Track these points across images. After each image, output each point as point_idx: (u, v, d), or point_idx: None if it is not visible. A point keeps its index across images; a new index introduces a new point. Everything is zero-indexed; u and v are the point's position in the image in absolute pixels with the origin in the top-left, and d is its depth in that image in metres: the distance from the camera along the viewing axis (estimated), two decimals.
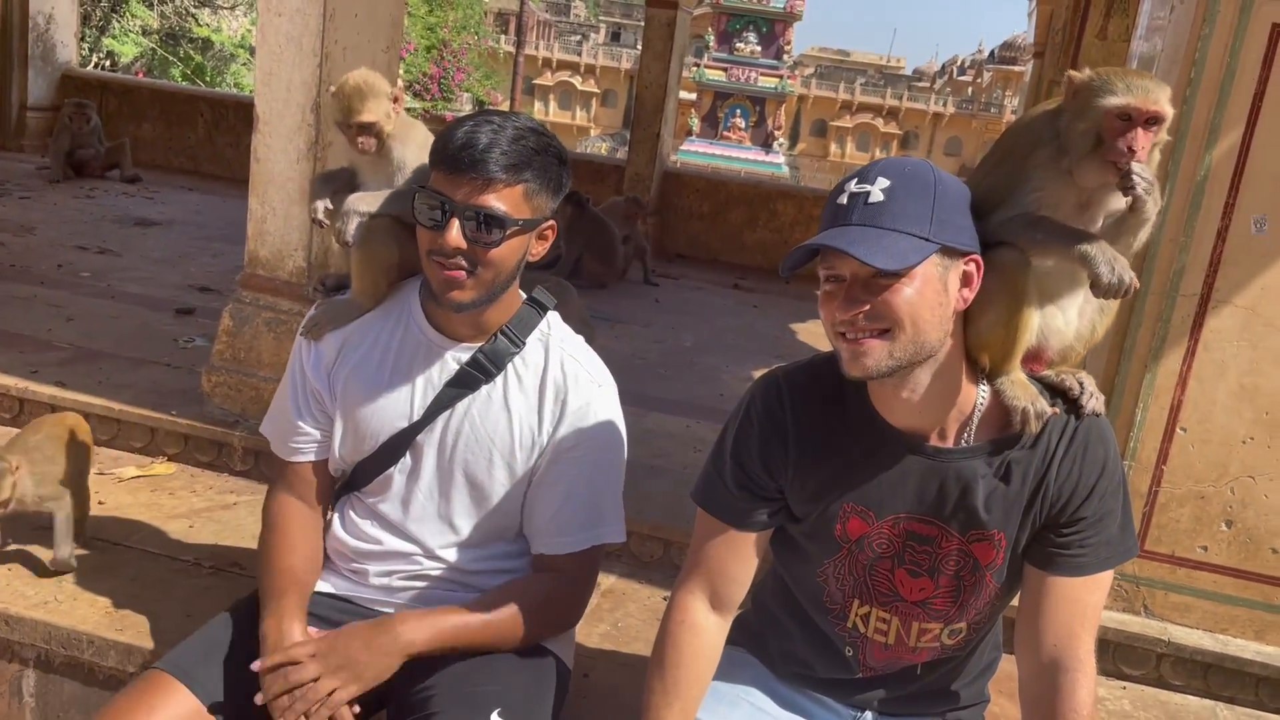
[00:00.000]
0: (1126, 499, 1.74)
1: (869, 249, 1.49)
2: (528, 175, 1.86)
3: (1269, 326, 2.85)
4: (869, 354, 1.55)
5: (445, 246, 1.84)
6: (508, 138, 1.84)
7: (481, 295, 1.92)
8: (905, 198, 1.53)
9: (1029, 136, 1.69)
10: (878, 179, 1.55)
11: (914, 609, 1.80)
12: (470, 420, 2.03)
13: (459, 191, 1.82)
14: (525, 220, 1.89)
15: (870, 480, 1.72)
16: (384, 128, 2.16)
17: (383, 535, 2.12)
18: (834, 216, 1.56)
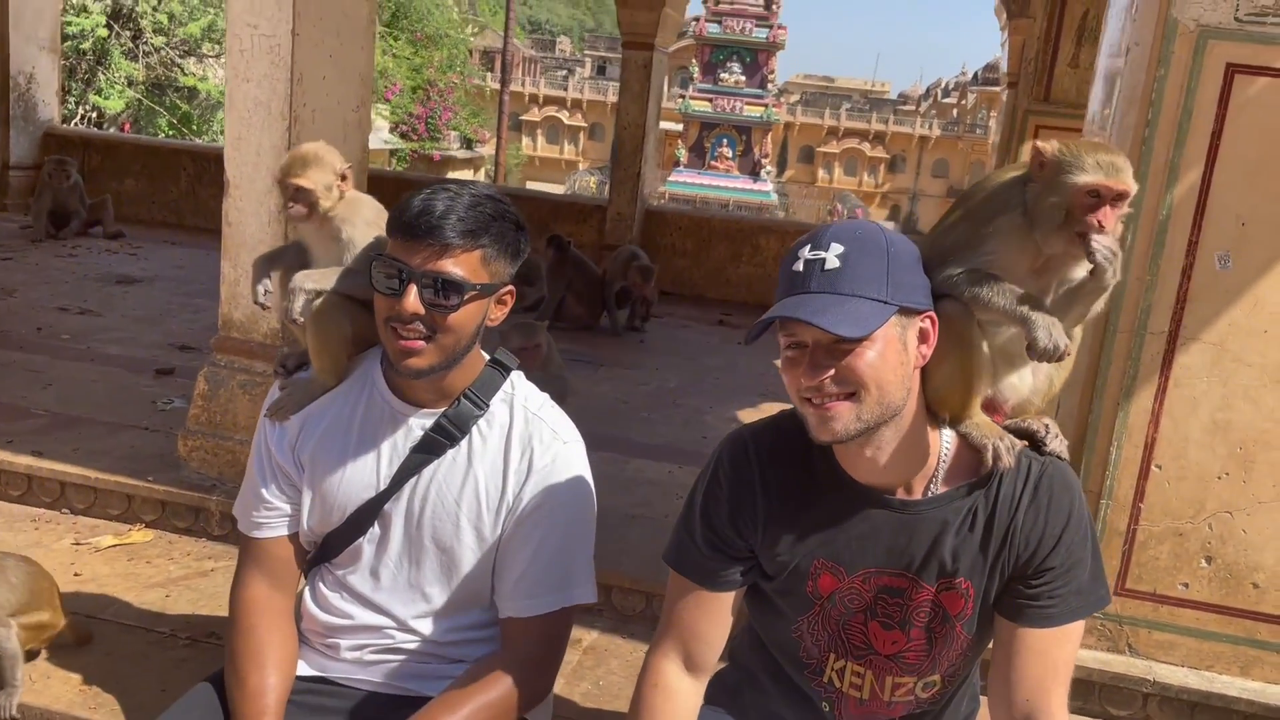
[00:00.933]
0: (1096, 547, 1.74)
1: (831, 317, 1.50)
2: (485, 241, 1.86)
3: (1238, 362, 2.86)
4: (837, 418, 1.56)
5: (403, 313, 1.84)
6: (464, 204, 1.85)
7: (440, 361, 1.91)
8: (860, 262, 1.55)
9: (994, 202, 1.71)
10: (831, 245, 1.56)
11: (887, 663, 1.79)
12: (436, 486, 2.02)
13: (416, 258, 1.83)
14: (483, 285, 1.89)
15: (839, 536, 1.72)
16: (319, 199, 2.16)
17: (353, 609, 2.10)
18: (791, 284, 1.57)
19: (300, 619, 2.16)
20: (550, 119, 54.54)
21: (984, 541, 1.69)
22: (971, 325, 1.66)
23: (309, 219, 2.20)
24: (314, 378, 2.12)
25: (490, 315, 1.98)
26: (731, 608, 1.84)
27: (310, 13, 3.43)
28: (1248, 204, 2.80)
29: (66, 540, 3.41)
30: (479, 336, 1.99)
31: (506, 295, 1.99)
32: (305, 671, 2.11)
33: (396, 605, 2.08)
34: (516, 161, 46.54)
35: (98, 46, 18.59)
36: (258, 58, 3.39)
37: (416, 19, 28.39)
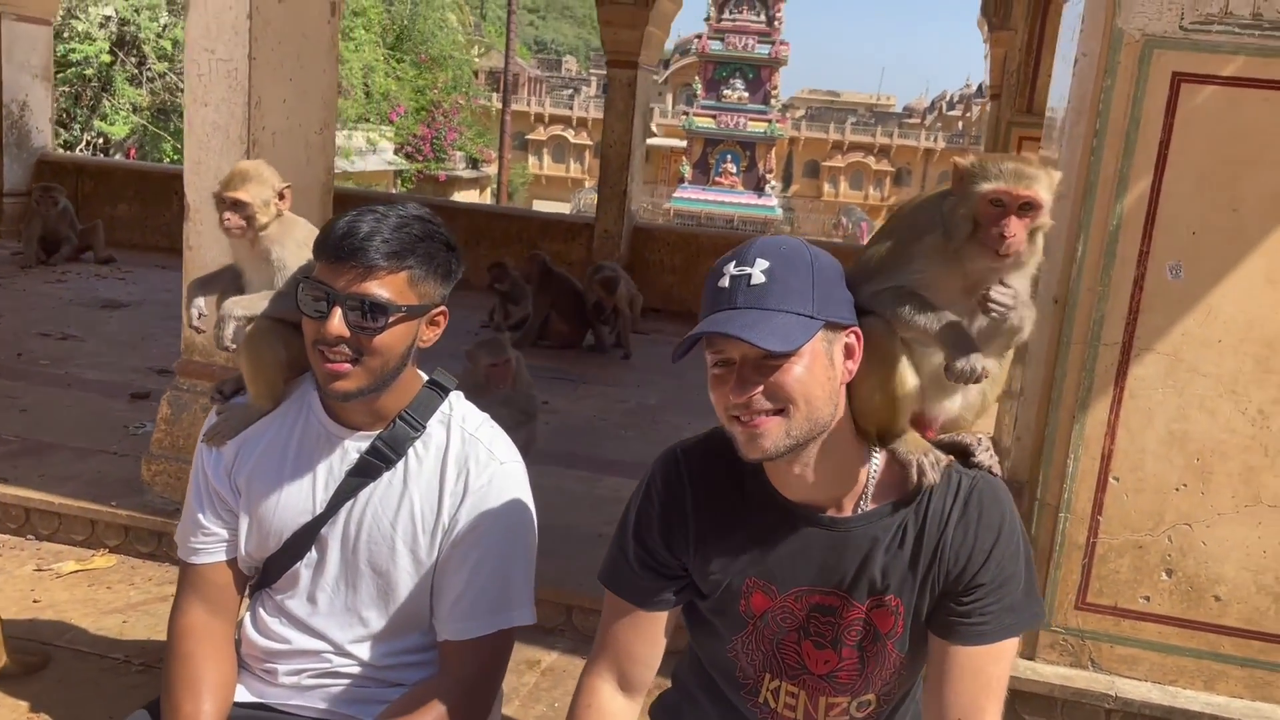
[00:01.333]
0: (1029, 563, 1.71)
1: (759, 332, 1.49)
2: (411, 262, 1.85)
3: (1193, 372, 2.83)
4: (766, 435, 1.54)
5: (328, 335, 1.82)
6: (390, 226, 1.84)
7: (368, 383, 1.90)
8: (786, 277, 1.54)
9: (917, 219, 1.70)
10: (756, 260, 1.54)
11: (820, 682, 1.76)
12: (372, 509, 2.00)
13: (341, 280, 1.82)
14: (410, 307, 1.87)
15: (771, 555, 1.70)
16: (257, 214, 2.16)
17: (290, 633, 2.08)
18: (717, 300, 1.55)
19: (240, 644, 2.15)
20: (556, 138, 54.74)
21: (914, 558, 1.67)
22: (895, 342, 1.65)
23: (245, 234, 2.20)
24: (250, 403, 2.11)
25: (422, 336, 1.96)
26: (666, 627, 1.82)
27: (268, 37, 3.45)
28: (1198, 213, 2.78)
29: (29, 566, 3.41)
30: (410, 358, 1.97)
31: (439, 316, 1.97)
32: (244, 698, 2.10)
33: (334, 630, 2.06)
34: (523, 181, 46.67)
35: (102, 73, 18.77)
36: (215, 82, 3.41)
37: (420, 41, 28.56)
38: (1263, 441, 2.83)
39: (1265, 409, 2.81)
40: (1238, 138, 2.74)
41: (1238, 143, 2.74)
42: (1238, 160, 2.74)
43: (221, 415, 2.13)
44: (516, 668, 3.08)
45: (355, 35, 24.33)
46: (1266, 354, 2.79)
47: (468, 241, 9.08)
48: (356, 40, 24.36)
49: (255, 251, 2.22)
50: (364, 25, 24.87)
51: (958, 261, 1.63)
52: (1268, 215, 2.75)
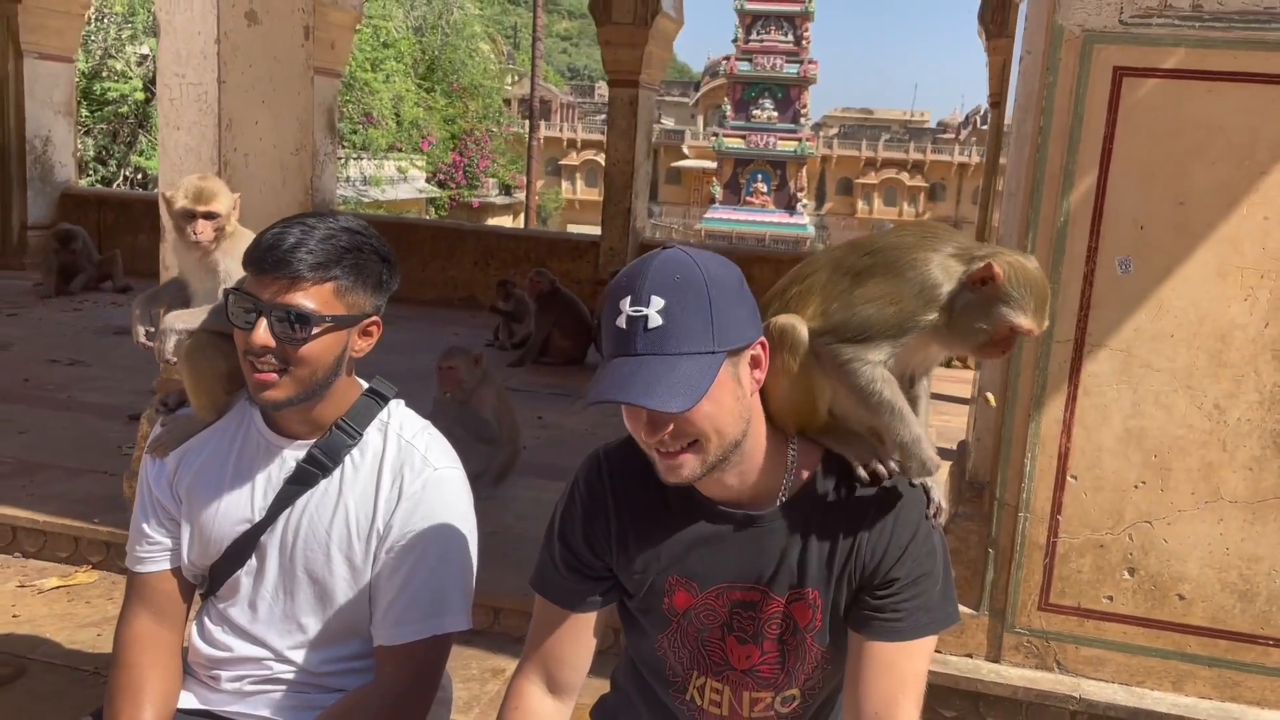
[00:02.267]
0: (947, 565, 1.70)
1: (660, 393, 1.46)
2: (336, 272, 1.88)
3: (1146, 368, 2.81)
4: (683, 466, 1.55)
5: (254, 345, 1.86)
6: (317, 237, 1.87)
7: (297, 393, 1.93)
8: (683, 315, 1.50)
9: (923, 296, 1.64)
10: (651, 299, 1.50)
11: (743, 678, 1.77)
12: (309, 516, 2.03)
13: (266, 291, 1.85)
14: (336, 317, 1.90)
15: (692, 553, 1.71)
16: (225, 225, 2.23)
17: (232, 641, 2.11)
18: (616, 343, 1.52)
19: (188, 652, 2.19)
20: (589, 162, 55.05)
21: (830, 551, 1.67)
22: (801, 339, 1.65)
23: (213, 245, 2.26)
24: (193, 414, 2.16)
25: (354, 347, 1.99)
26: (594, 629, 1.83)
27: (238, 61, 3.53)
28: (1144, 207, 2.76)
29: (12, 583, 3.49)
30: (342, 368, 2.00)
31: (371, 326, 2.00)
32: (189, 704, 2.12)
33: (273, 637, 2.08)
34: (556, 206, 46.93)
35: (137, 110, 19.22)
36: (186, 106, 3.49)
37: (451, 71, 28.91)
38: (1220, 436, 2.79)
39: (1221, 403, 2.78)
40: (1182, 130, 2.72)
41: (1182, 135, 2.72)
42: (1183, 153, 2.73)
43: (165, 427, 2.17)
44: (481, 675, 3.09)
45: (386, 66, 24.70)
46: (1219, 347, 2.76)
47: (477, 262, 9.19)
48: (387, 71, 24.73)
49: (204, 264, 2.28)
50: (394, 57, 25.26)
51: (936, 340, 1.65)
52: (1215, 207, 2.72)
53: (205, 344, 2.14)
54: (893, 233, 1.74)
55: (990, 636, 3.01)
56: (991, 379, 2.99)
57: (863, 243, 1.72)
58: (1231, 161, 2.70)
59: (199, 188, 2.27)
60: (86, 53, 17.66)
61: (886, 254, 1.67)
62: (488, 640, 3.23)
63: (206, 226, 2.24)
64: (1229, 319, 2.75)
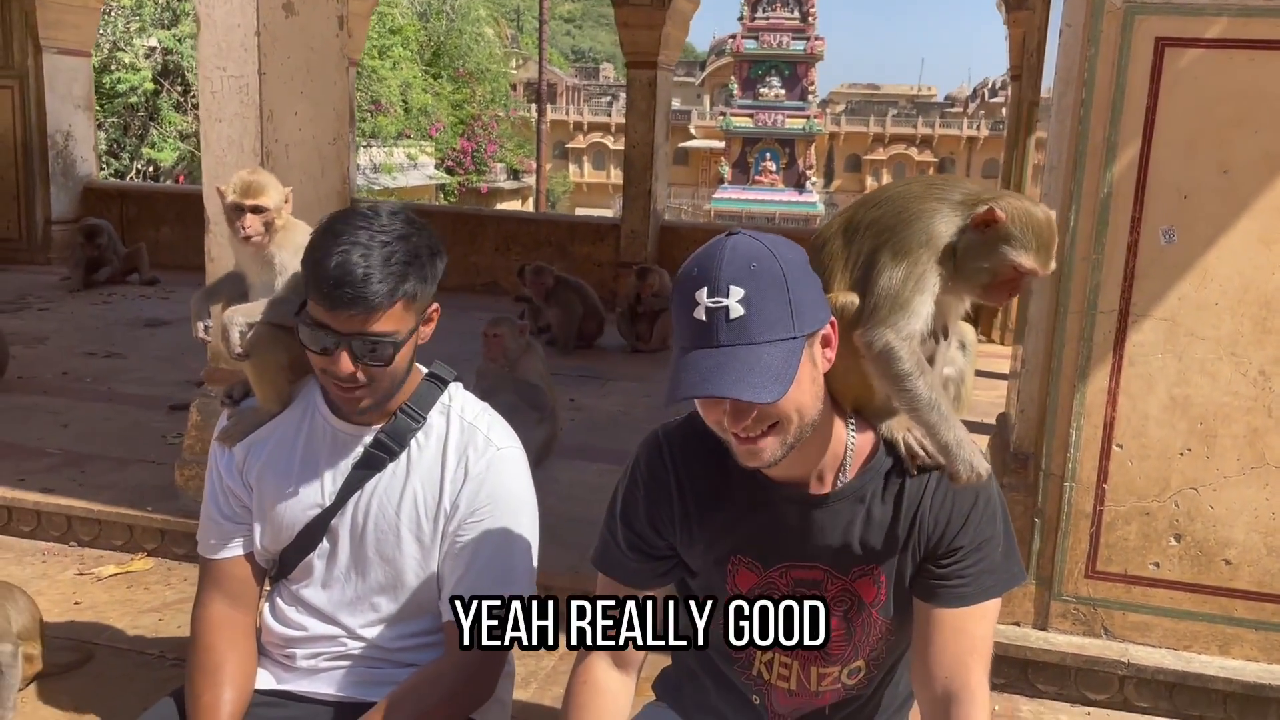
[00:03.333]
0: (1007, 525, 1.74)
1: (751, 384, 1.47)
2: (406, 288, 1.90)
3: (1191, 336, 2.83)
4: (764, 450, 1.56)
5: (339, 374, 1.89)
6: (378, 260, 1.85)
7: (381, 398, 1.97)
8: (764, 304, 1.50)
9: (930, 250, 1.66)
10: (731, 289, 1.49)
11: (811, 653, 1.80)
12: (378, 499, 2.08)
13: (342, 323, 1.86)
14: (411, 329, 1.94)
15: (755, 532, 1.74)
16: (275, 219, 2.26)
17: (307, 621, 2.17)
18: (696, 335, 1.50)
19: (261, 633, 2.25)
20: (596, 145, 54.89)
21: (892, 527, 1.70)
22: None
23: (264, 239, 2.30)
24: (258, 406, 2.21)
25: (421, 337, 2.03)
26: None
27: (277, 53, 3.57)
28: (1188, 177, 2.78)
29: (70, 571, 3.56)
30: (413, 362, 2.05)
31: (433, 314, 2.04)
32: (266, 685, 2.18)
33: (346, 616, 2.14)
34: (564, 189, 46.83)
35: (148, 102, 19.24)
36: (228, 98, 3.53)
37: (457, 56, 28.80)
38: (1265, 403, 2.82)
39: (1266, 370, 2.81)
40: (1225, 100, 2.74)
41: (1225, 105, 2.74)
42: (1226, 122, 2.74)
43: (231, 418, 2.22)
44: (535, 651, 3.15)
45: (393, 53, 24.64)
46: (1264, 314, 2.78)
47: (498, 248, 9.22)
48: (394, 58, 24.67)
49: (260, 257, 2.32)
50: (401, 43, 25.21)
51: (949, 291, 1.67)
52: (1259, 176, 2.74)
53: (267, 337, 2.18)
54: (901, 182, 1.76)
55: (1037, 605, 3.06)
56: (1036, 350, 3.02)
57: (872, 196, 1.73)
58: (1275, 129, 2.72)
59: (247, 182, 2.30)
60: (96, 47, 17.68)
61: (894, 203, 1.68)
62: None
63: (255, 220, 2.27)
64: (1274, 286, 2.77)
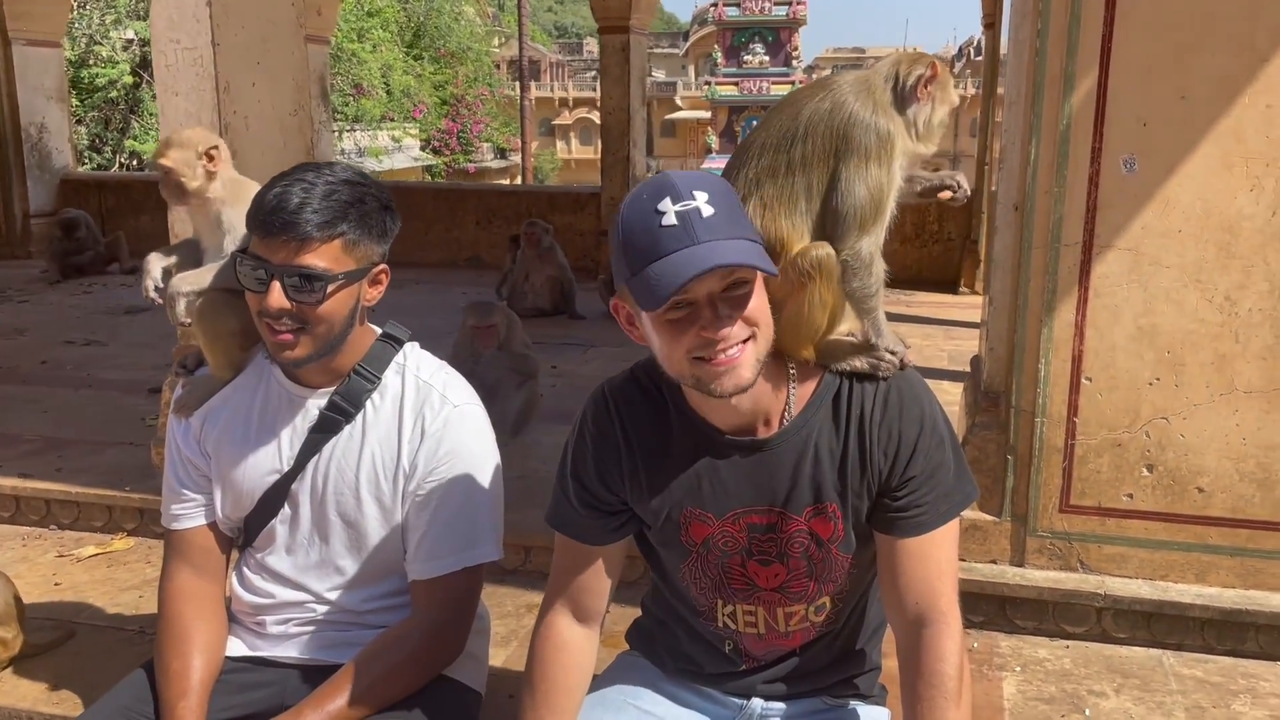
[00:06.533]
0: (956, 447, 1.73)
1: (754, 258, 1.50)
2: (343, 228, 1.90)
3: (1156, 265, 2.82)
4: (743, 365, 1.55)
5: (270, 308, 1.89)
6: (319, 194, 1.88)
7: (317, 349, 1.96)
8: (728, 205, 1.54)
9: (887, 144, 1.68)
10: (694, 193, 1.52)
11: (774, 595, 1.80)
12: (335, 462, 2.08)
13: (277, 254, 1.87)
14: (348, 272, 1.92)
15: (704, 483, 1.74)
16: (184, 178, 2.22)
17: (273, 588, 2.17)
18: (671, 239, 1.50)
19: (231, 602, 2.25)
20: (582, 120, 54.60)
21: (842, 463, 1.69)
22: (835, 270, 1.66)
23: (184, 200, 2.26)
24: (211, 373, 2.19)
25: (365, 296, 2.02)
26: (615, 558, 1.87)
27: (230, 23, 3.52)
28: (1146, 104, 2.76)
29: (51, 554, 3.55)
30: (357, 318, 2.03)
31: (381, 275, 2.03)
32: (238, 651, 2.19)
33: (312, 580, 2.15)
34: (552, 166, 46.68)
35: (128, 95, 19.13)
36: (182, 71, 3.49)
37: (438, 37, 28.64)
38: (1232, 328, 2.81)
39: (1231, 295, 2.79)
40: (1180, 24, 2.71)
41: (1181, 29, 2.71)
42: (1182, 47, 2.72)
43: (186, 388, 2.21)
44: (516, 611, 3.15)
45: (372, 35, 24.50)
46: (1227, 239, 2.77)
47: (479, 222, 9.19)
48: (374, 40, 24.53)
49: (206, 215, 2.29)
50: (380, 25, 25.05)
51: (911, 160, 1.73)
52: (1217, 100, 2.72)
53: (216, 303, 2.16)
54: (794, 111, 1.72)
55: (1013, 541, 3.06)
56: (1002, 289, 3.01)
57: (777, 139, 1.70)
58: (1231, 51, 2.69)
59: (161, 141, 2.27)
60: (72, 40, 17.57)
61: (818, 131, 1.67)
62: (520, 578, 3.29)
63: (167, 185, 2.24)
64: (1236, 210, 2.76)
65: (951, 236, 8.35)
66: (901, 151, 1.69)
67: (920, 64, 1.71)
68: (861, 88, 1.71)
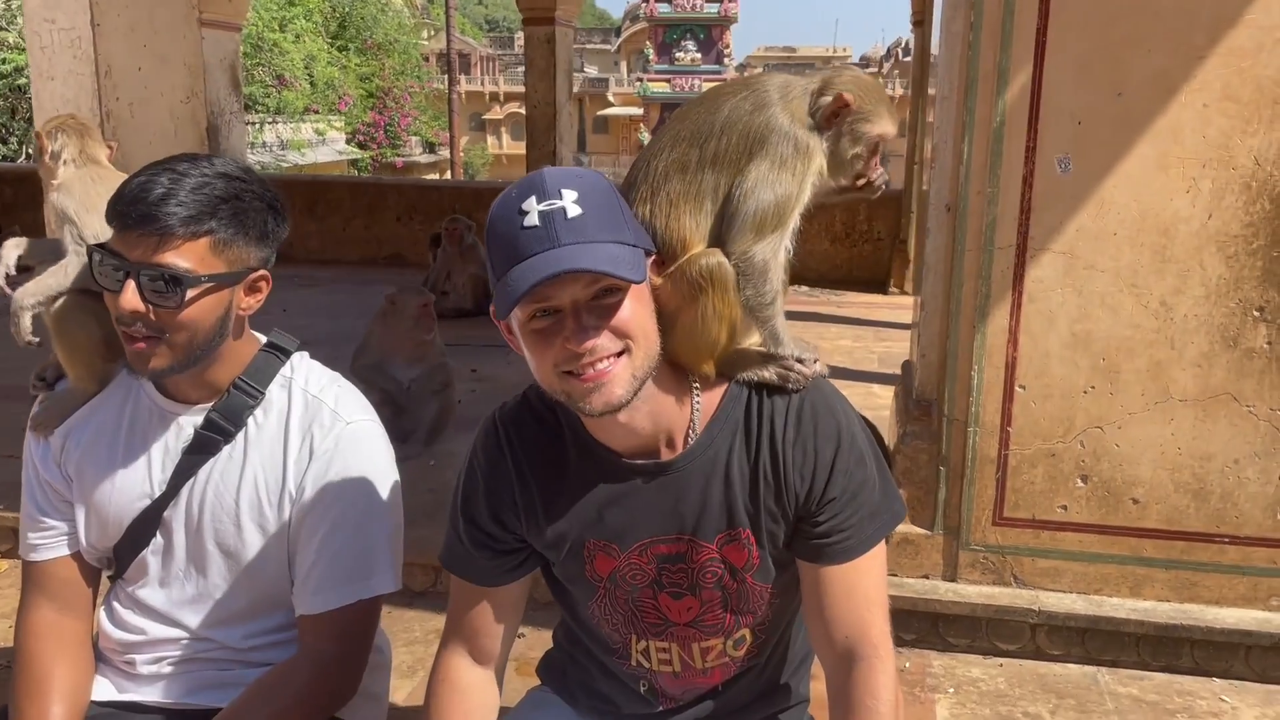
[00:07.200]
0: (879, 460, 1.60)
1: (613, 265, 1.35)
2: (212, 225, 1.69)
3: (1091, 269, 2.72)
4: (615, 381, 1.41)
5: (123, 311, 1.68)
6: (188, 186, 1.68)
7: (177, 361, 1.75)
8: (600, 205, 1.40)
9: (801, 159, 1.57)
10: (562, 191, 1.39)
11: (688, 630, 1.66)
12: (213, 486, 1.88)
13: (135, 250, 1.66)
14: (215, 276, 1.71)
15: (606, 513, 1.59)
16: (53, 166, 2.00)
17: (146, 624, 1.96)
18: (532, 241, 1.37)
19: (99, 639, 2.03)
20: (513, 115, 54.23)
21: (754, 485, 1.55)
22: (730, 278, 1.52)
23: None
24: (72, 386, 1.96)
25: (240, 305, 1.81)
26: (515, 599, 1.71)
27: (113, 2, 3.27)
28: (1082, 101, 2.66)
29: None
30: (227, 330, 1.82)
31: (260, 282, 1.83)
32: (105, 695, 1.98)
33: (188, 616, 1.94)
34: (484, 161, 46.38)
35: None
36: (59, 53, 3.23)
37: (364, 28, 28.21)
38: (1168, 334, 2.72)
39: (1167, 300, 2.71)
40: (1117, 17, 2.61)
41: (1117, 23, 2.61)
42: (1119, 41, 2.62)
43: (43, 403, 1.98)
44: (424, 637, 2.97)
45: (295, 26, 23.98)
46: (1163, 242, 2.68)
47: (400, 218, 8.92)
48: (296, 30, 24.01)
49: (55, 209, 2.05)
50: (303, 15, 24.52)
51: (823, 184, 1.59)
52: (1153, 97, 2.63)
53: (73, 308, 1.92)
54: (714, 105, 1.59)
55: (946, 556, 2.95)
56: (934, 293, 2.89)
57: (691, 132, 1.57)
58: (1168, 48, 2.60)
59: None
60: None
61: (734, 130, 1.55)
62: (430, 601, 3.10)
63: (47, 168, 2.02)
64: (1172, 212, 2.67)
65: (881, 236, 8.31)
66: (817, 170, 1.56)
67: (829, 92, 1.55)
68: (786, 94, 1.59)
